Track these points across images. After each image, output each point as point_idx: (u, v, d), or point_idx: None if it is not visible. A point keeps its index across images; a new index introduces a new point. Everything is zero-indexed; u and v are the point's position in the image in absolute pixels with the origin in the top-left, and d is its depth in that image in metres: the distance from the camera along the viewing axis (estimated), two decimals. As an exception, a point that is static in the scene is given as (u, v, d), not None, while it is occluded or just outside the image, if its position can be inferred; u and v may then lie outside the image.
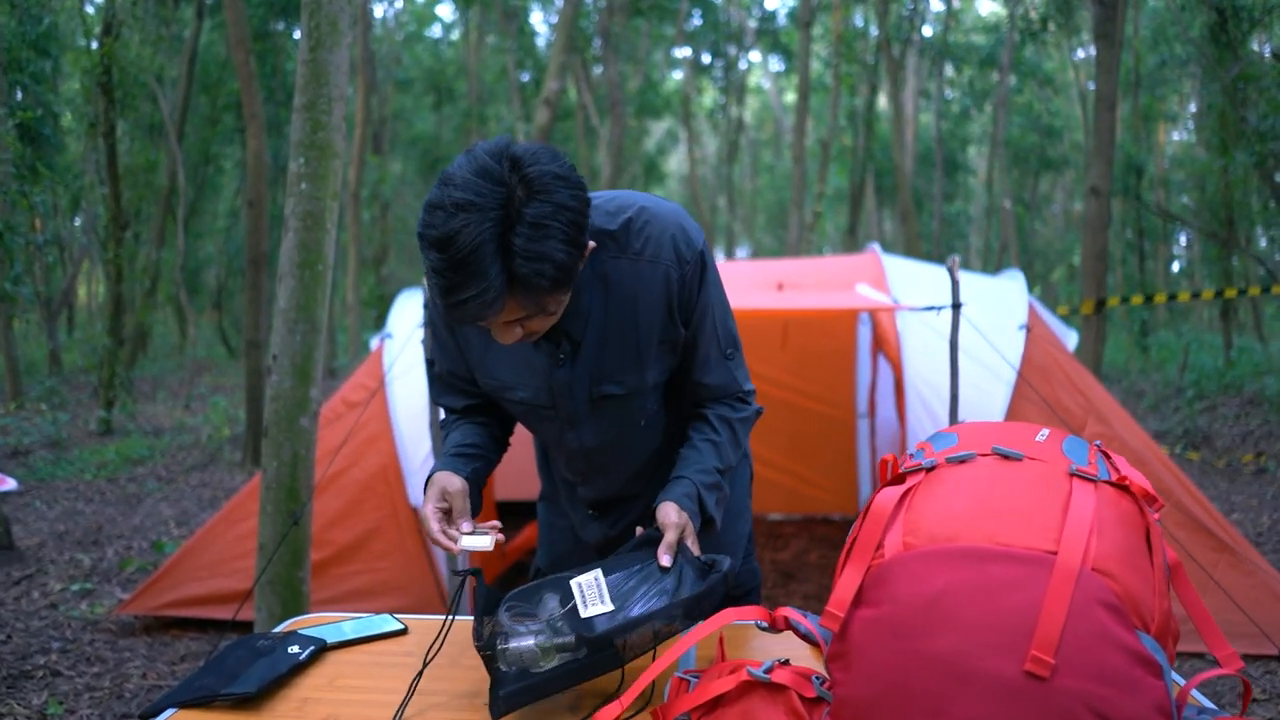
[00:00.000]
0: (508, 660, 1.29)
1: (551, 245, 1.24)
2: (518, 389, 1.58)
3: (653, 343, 1.55)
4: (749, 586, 1.88)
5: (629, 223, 1.50)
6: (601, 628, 1.29)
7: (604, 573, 1.37)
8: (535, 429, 1.68)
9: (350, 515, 4.02)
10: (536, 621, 1.31)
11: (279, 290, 3.03)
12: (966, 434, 1.35)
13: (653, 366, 1.57)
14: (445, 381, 1.69)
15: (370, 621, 1.68)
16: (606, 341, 1.54)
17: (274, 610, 2.97)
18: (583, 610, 1.31)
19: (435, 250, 1.22)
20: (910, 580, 1.09)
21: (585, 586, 1.34)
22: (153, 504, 6.65)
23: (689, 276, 1.52)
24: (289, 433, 2.99)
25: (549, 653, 1.29)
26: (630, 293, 1.51)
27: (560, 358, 1.54)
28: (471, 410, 1.70)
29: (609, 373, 1.55)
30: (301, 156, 3.03)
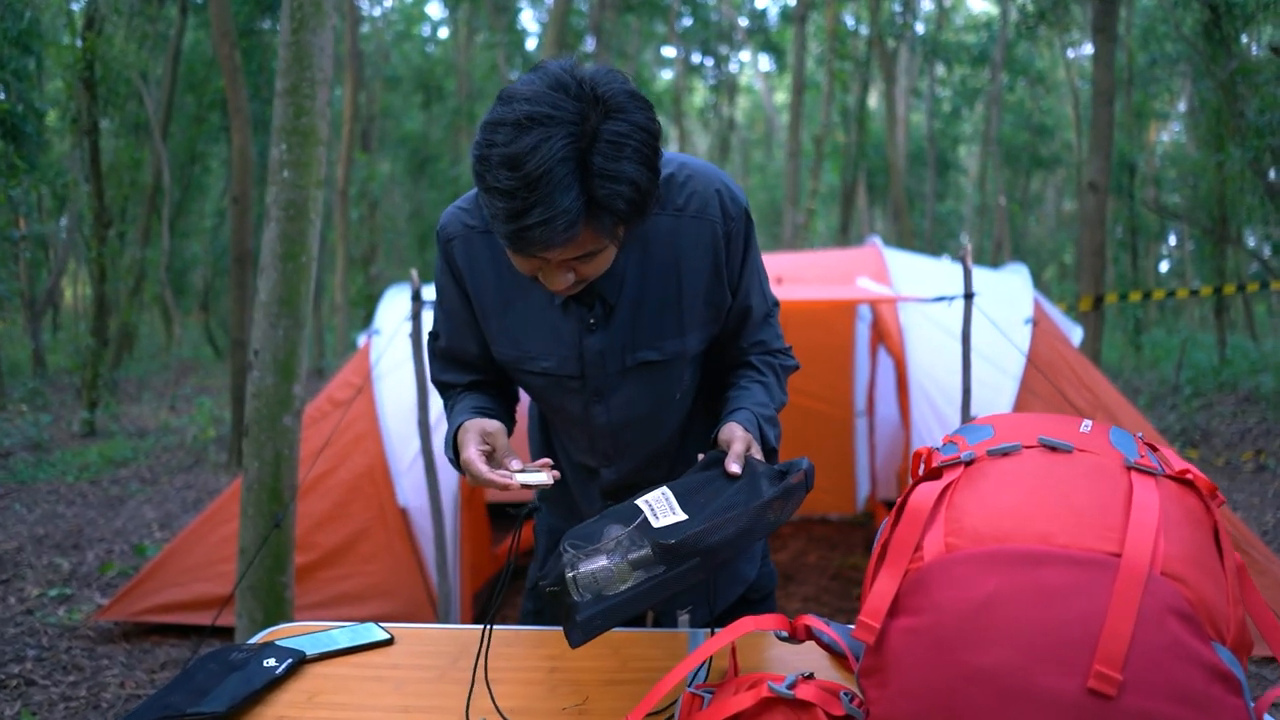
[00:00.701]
0: (581, 587, 1.17)
1: (630, 166, 1.13)
2: (542, 358, 1.45)
3: (697, 305, 1.43)
4: (767, 590, 1.75)
5: (670, 178, 1.40)
6: (679, 535, 1.18)
7: (672, 486, 1.26)
8: (557, 404, 1.52)
9: (336, 517, 3.89)
10: (605, 545, 1.20)
11: (259, 283, 2.91)
12: (1004, 425, 1.24)
13: (695, 331, 1.45)
14: (449, 357, 1.57)
15: (354, 631, 1.56)
16: (643, 304, 1.42)
17: (255, 617, 2.85)
18: (655, 522, 1.20)
19: (505, 169, 1.09)
20: (954, 586, 0.98)
21: (654, 502, 1.23)
22: (135, 506, 6.50)
23: (735, 234, 1.42)
24: (271, 431, 2.86)
25: (625, 571, 1.17)
26: (672, 251, 1.41)
27: (592, 323, 1.42)
28: (476, 385, 1.58)
29: (646, 338, 1.43)
30: (284, 143, 2.91)
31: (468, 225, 1.46)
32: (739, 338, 1.53)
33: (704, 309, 1.45)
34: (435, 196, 19.87)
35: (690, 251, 1.41)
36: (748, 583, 1.69)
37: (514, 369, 1.50)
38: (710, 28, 21.10)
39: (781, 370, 1.56)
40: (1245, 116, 8.68)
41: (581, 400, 1.48)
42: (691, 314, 1.44)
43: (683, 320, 1.44)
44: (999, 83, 18.77)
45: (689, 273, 1.42)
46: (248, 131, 7.40)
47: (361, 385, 4.04)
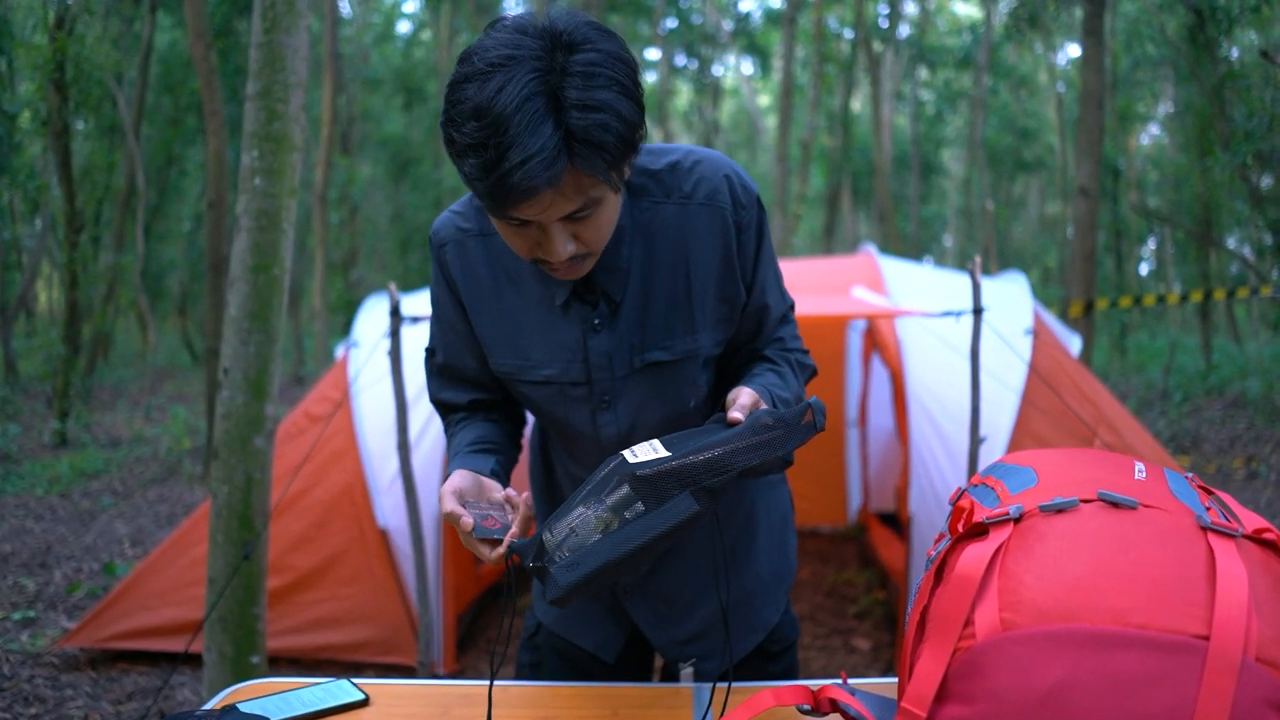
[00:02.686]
0: (561, 547, 1.05)
1: (607, 94, 1.04)
2: (544, 365, 1.33)
3: (708, 300, 1.31)
4: (788, 641, 1.60)
5: (676, 165, 1.30)
6: (659, 466, 1.05)
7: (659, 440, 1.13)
8: (562, 418, 1.38)
9: (313, 538, 3.73)
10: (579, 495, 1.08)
11: (230, 296, 2.75)
12: (1047, 469, 1.11)
13: (707, 329, 1.32)
14: (448, 373, 1.45)
15: (326, 690, 1.42)
16: (651, 300, 1.30)
17: (225, 650, 2.69)
18: (632, 459, 1.07)
19: (473, 120, 1.02)
20: (1014, 671, 0.85)
21: (636, 448, 1.10)
22: (107, 521, 6.30)
23: (748, 224, 1.31)
24: (241, 454, 2.71)
25: (605, 518, 1.05)
26: (679, 242, 1.29)
27: (596, 323, 1.30)
28: (478, 406, 1.46)
29: (654, 337, 1.31)
30: (255, 149, 2.75)
31: (461, 229, 1.36)
32: (755, 339, 1.41)
33: (716, 304, 1.32)
34: (417, 200, 19.67)
35: (699, 241, 1.29)
36: (769, 628, 1.55)
37: (514, 381, 1.37)
38: (695, 30, 21.01)
39: (799, 366, 1.42)
40: (1234, 121, 8.64)
41: (588, 409, 1.35)
42: (703, 310, 1.31)
43: (694, 316, 1.31)
44: (983, 85, 18.76)
45: (698, 264, 1.30)
46: (224, 135, 7.22)
47: (339, 400, 3.89)
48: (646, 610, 1.48)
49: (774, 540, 1.56)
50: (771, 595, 1.54)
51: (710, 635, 1.50)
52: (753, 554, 1.52)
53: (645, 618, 1.48)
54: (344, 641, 3.71)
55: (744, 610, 1.52)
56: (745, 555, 1.51)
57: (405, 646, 3.66)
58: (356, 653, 3.72)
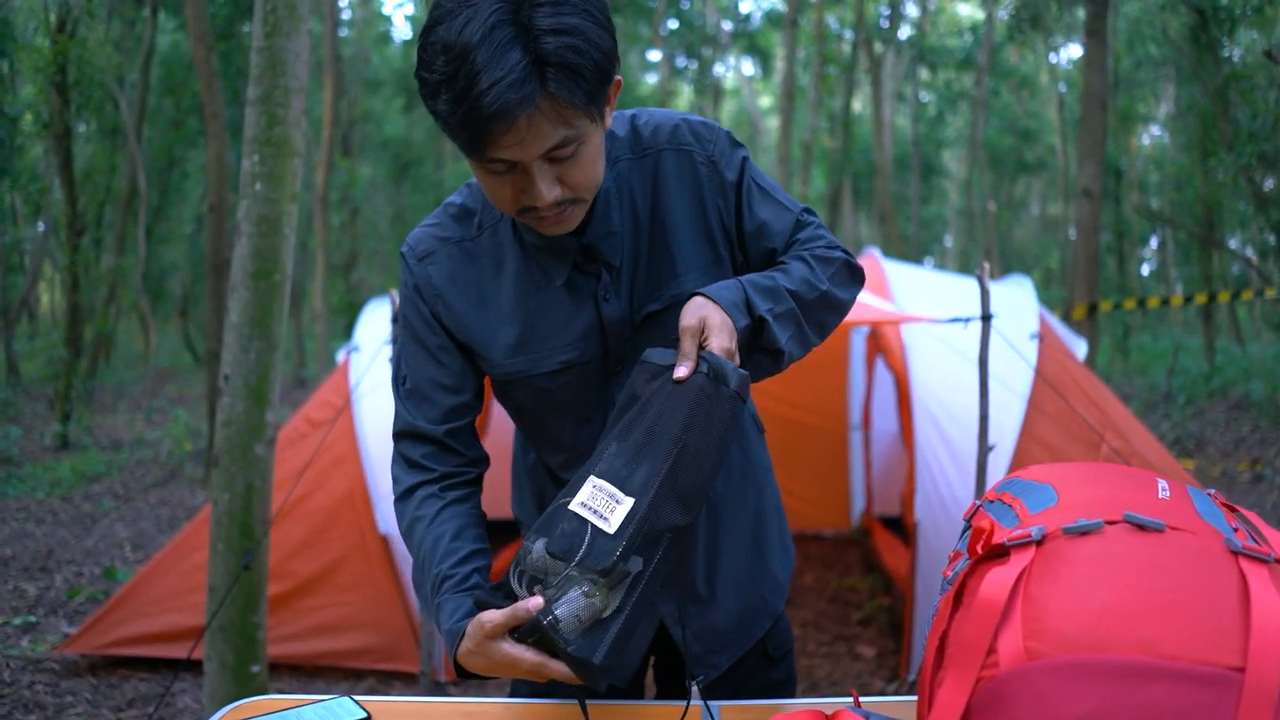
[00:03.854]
0: (566, 633, 1.02)
1: (579, 20, 1.04)
2: (559, 352, 1.29)
3: (687, 241, 1.29)
4: (787, 646, 1.58)
5: (632, 120, 1.31)
6: (640, 525, 1.04)
7: (599, 472, 1.09)
8: (571, 400, 1.33)
9: (314, 544, 3.71)
10: (563, 573, 1.05)
11: (230, 302, 2.73)
12: (1067, 485, 1.08)
13: (692, 273, 1.29)
14: (418, 398, 1.33)
15: (326, 709, 1.39)
16: (639, 257, 1.29)
17: (225, 659, 2.66)
18: (607, 526, 1.05)
19: (442, 56, 1.02)
20: (1040, 703, 0.82)
21: (590, 502, 1.07)
22: (108, 525, 6.28)
23: (720, 157, 1.30)
24: (242, 461, 2.68)
25: (603, 591, 1.03)
26: (650, 192, 1.29)
27: (604, 291, 1.27)
28: (443, 448, 1.34)
29: (648, 290, 1.29)
30: (256, 154, 2.73)
31: (442, 239, 1.32)
32: (772, 260, 1.34)
33: (699, 246, 1.30)
34: (418, 201, 19.65)
35: (668, 186, 1.29)
36: (775, 617, 1.52)
37: (522, 380, 1.31)
38: (695, 31, 20.98)
39: (818, 260, 1.30)
40: (1239, 122, 8.61)
41: (601, 385, 1.32)
42: (684, 253, 1.29)
43: (675, 262, 1.29)
44: (985, 86, 18.73)
45: (671, 209, 1.29)
46: (225, 137, 7.20)
47: (341, 405, 3.86)
48: (672, 605, 1.44)
49: (775, 518, 1.55)
50: (779, 584, 1.53)
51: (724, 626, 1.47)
52: (765, 535, 1.52)
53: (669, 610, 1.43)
54: (345, 648, 3.69)
55: (759, 589, 1.50)
56: (759, 534, 1.51)
57: (407, 653, 3.64)
58: (357, 659, 3.70)
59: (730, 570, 1.46)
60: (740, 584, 1.47)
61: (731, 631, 1.47)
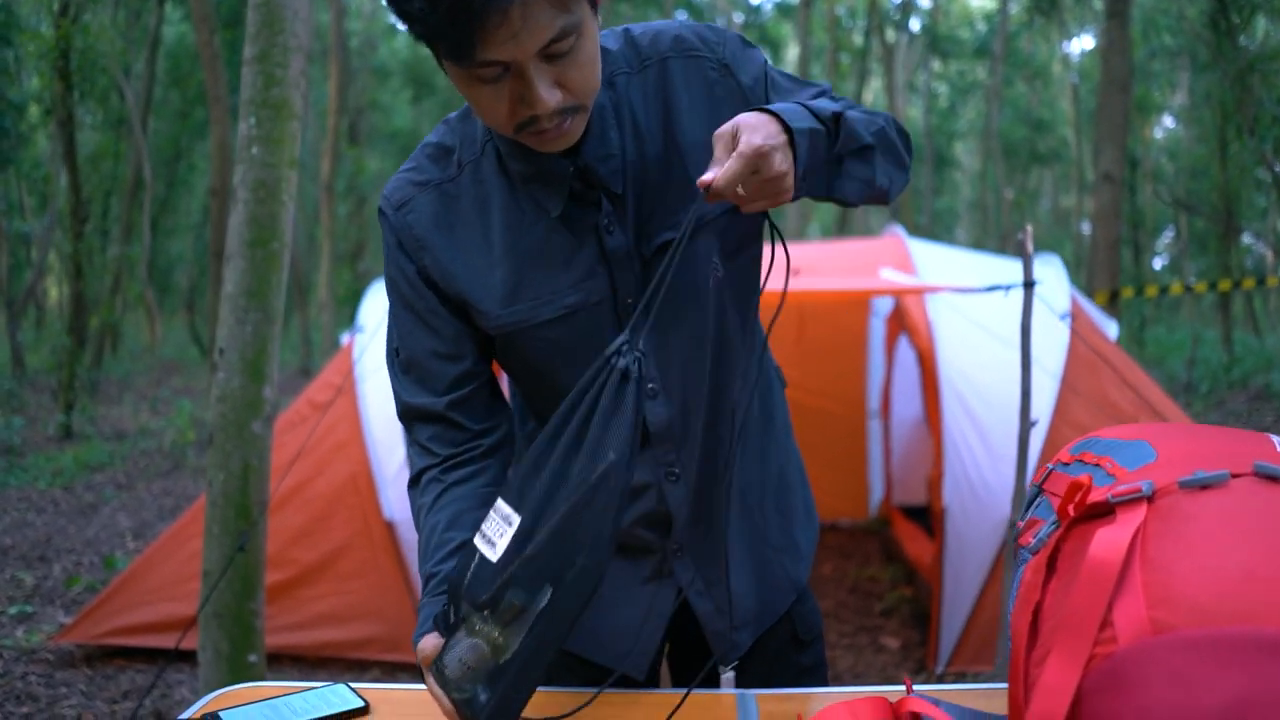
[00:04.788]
0: (453, 679, 0.89)
1: None
2: (562, 295, 1.14)
3: (699, 160, 1.12)
4: (817, 630, 1.43)
5: (626, 33, 1.17)
6: (522, 548, 0.87)
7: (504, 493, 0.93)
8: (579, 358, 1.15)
9: (315, 531, 3.57)
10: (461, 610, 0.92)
11: (226, 273, 2.59)
12: (1164, 443, 0.93)
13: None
14: (417, 371, 1.21)
15: (320, 697, 1.25)
16: (647, 182, 1.14)
17: (220, 647, 2.53)
18: (490, 553, 0.90)
19: None
20: (1173, 685, 0.67)
21: (488, 529, 0.92)
22: (110, 514, 6.16)
23: (730, 59, 1.15)
24: (238, 439, 2.54)
25: (495, 629, 0.88)
26: (659, 104, 1.14)
27: (607, 222, 1.12)
28: (450, 424, 1.21)
29: (660, 218, 1.14)
30: (252, 116, 2.59)
31: (418, 184, 1.17)
32: None
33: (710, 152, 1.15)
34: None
35: (677, 96, 1.14)
36: (799, 590, 1.37)
37: (525, 332, 1.17)
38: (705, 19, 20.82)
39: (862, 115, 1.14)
40: (1263, 104, 8.42)
41: (613, 323, 1.17)
42: (698, 169, 1.13)
43: (689, 179, 1.14)
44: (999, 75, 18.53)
45: (682, 121, 1.14)
46: (228, 122, 7.08)
47: (343, 387, 3.73)
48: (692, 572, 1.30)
49: (799, 484, 1.42)
50: (802, 554, 1.39)
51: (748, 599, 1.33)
52: (788, 499, 1.38)
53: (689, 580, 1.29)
54: (348, 638, 3.55)
55: (781, 559, 1.36)
56: (782, 497, 1.37)
57: (410, 643, 3.50)
58: (361, 650, 3.57)
59: (751, 535, 1.32)
60: (761, 552, 1.34)
61: (753, 605, 1.33)
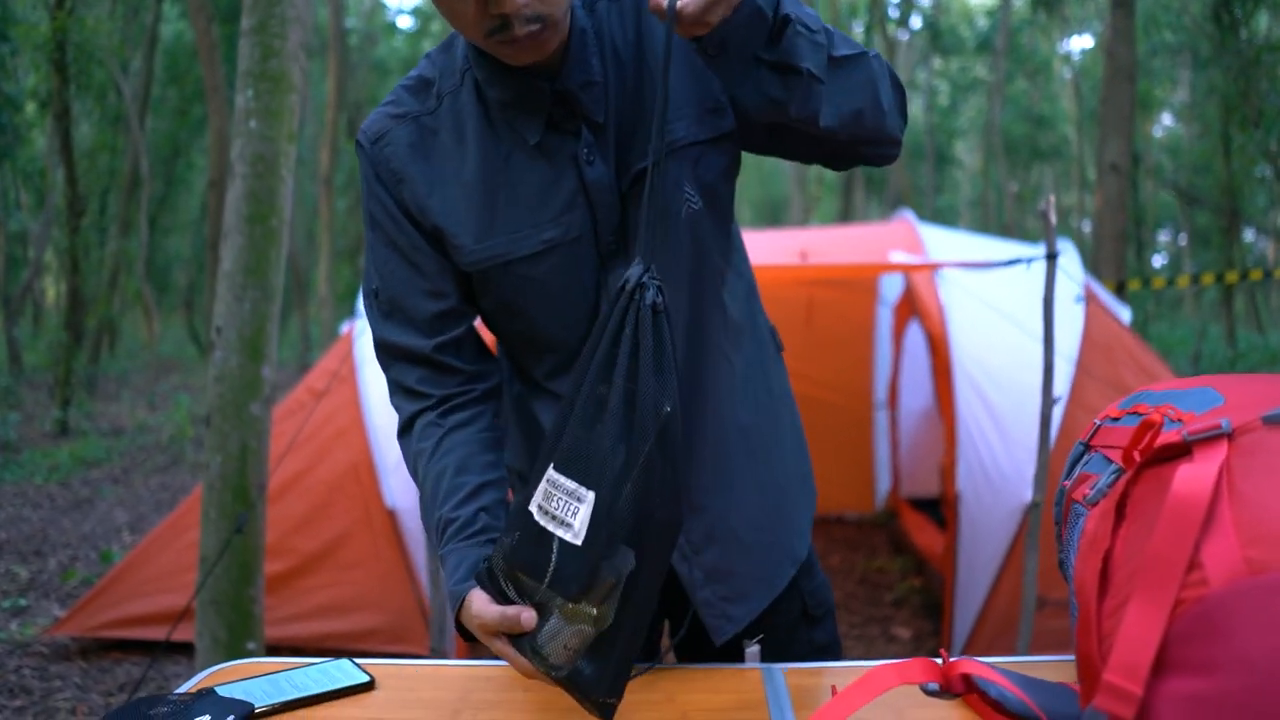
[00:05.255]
0: (554, 661, 0.86)
1: None
2: (541, 229, 1.09)
3: (674, 84, 1.09)
4: (828, 605, 1.36)
5: None
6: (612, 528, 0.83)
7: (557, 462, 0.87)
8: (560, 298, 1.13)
9: (316, 520, 3.50)
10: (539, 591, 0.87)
11: (223, 250, 2.52)
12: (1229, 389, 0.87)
13: (682, 119, 1.10)
14: (399, 312, 1.15)
15: (323, 672, 1.17)
16: (625, 111, 1.10)
17: (218, 635, 2.46)
18: (570, 535, 0.84)
19: None
20: (1274, 629, 0.61)
21: (546, 504, 0.86)
22: (106, 509, 6.09)
23: None
24: (236, 420, 2.47)
25: (591, 608, 0.85)
26: (634, 33, 1.10)
27: (587, 152, 1.08)
28: (441, 363, 1.15)
29: (638, 148, 1.09)
30: (250, 89, 2.52)
31: (396, 117, 1.13)
32: None
33: (691, 88, 1.10)
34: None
35: (648, 21, 1.10)
36: (799, 562, 1.29)
37: (501, 269, 1.11)
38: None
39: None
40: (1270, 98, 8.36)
41: (595, 267, 1.11)
42: (675, 97, 1.09)
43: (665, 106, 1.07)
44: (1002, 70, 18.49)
45: (654, 48, 1.10)
46: (226, 113, 7.01)
47: (344, 374, 3.66)
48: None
49: (797, 454, 1.34)
50: (798, 523, 1.31)
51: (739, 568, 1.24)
52: (781, 467, 1.29)
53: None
54: (349, 629, 3.48)
55: (776, 531, 1.27)
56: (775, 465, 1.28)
57: (415, 634, 3.43)
58: (363, 641, 3.49)
59: (739, 499, 1.23)
60: (755, 519, 1.25)
61: (749, 576, 1.25)
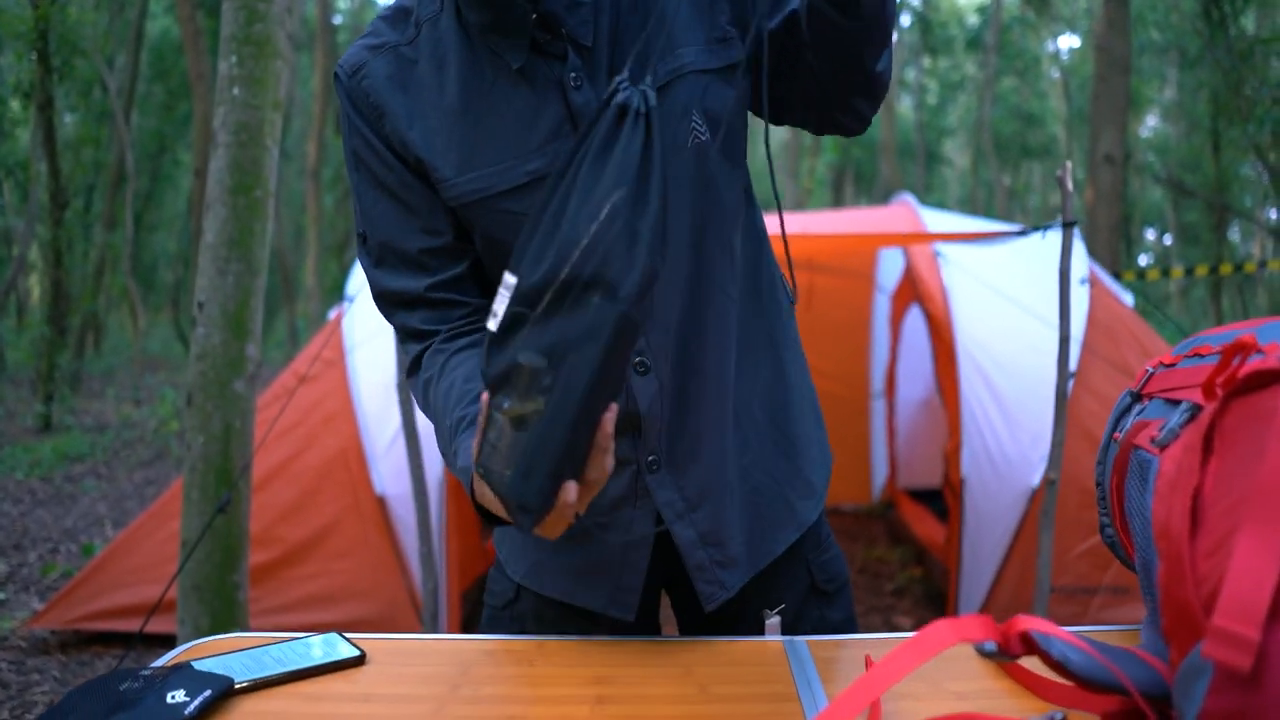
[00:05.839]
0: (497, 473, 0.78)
1: None
2: (525, 159, 1.01)
3: (682, 13, 1.02)
4: (842, 578, 1.26)
5: None
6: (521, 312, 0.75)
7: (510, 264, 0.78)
8: None
9: (304, 507, 3.40)
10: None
11: (205, 222, 2.42)
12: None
13: (689, 45, 1.03)
14: (391, 255, 1.08)
15: (309, 646, 1.08)
16: (621, 31, 1.02)
17: (200, 623, 2.36)
18: (494, 324, 0.77)
19: None
20: None
21: (495, 309, 0.78)
22: (88, 503, 5.97)
23: None
24: (220, 399, 2.38)
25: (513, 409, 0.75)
26: None
27: (574, 76, 1.00)
28: (441, 299, 1.08)
29: (634, 72, 1.00)
30: (234, 54, 2.42)
31: (373, 48, 1.05)
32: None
33: (699, 12, 1.03)
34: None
35: None
36: (805, 527, 1.19)
37: (484, 204, 1.03)
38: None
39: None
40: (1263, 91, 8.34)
41: None
42: (680, 19, 1.03)
43: (672, 35, 1.02)
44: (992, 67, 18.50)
45: None
46: (211, 100, 6.88)
47: (333, 358, 3.56)
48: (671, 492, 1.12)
49: (809, 415, 1.23)
50: (813, 489, 1.20)
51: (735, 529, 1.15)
52: (789, 422, 1.19)
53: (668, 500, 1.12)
54: (338, 620, 3.38)
55: (782, 490, 1.18)
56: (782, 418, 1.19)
57: (407, 625, 3.34)
58: (352, 631, 3.39)
59: (742, 456, 1.15)
60: (755, 478, 1.16)
61: (742, 539, 1.15)
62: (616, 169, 0.76)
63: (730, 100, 1.08)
